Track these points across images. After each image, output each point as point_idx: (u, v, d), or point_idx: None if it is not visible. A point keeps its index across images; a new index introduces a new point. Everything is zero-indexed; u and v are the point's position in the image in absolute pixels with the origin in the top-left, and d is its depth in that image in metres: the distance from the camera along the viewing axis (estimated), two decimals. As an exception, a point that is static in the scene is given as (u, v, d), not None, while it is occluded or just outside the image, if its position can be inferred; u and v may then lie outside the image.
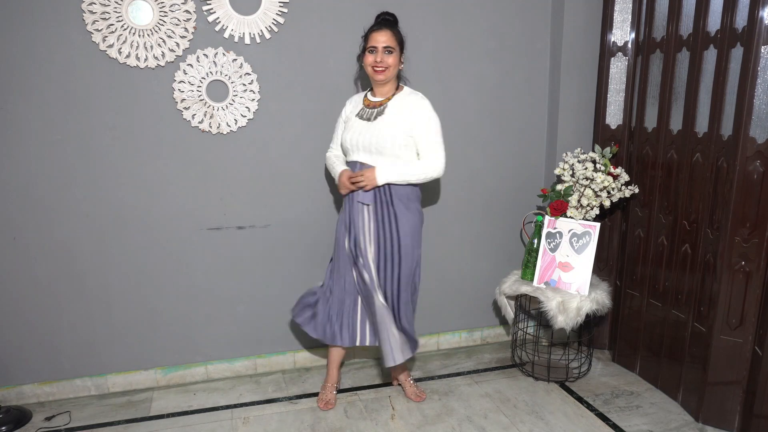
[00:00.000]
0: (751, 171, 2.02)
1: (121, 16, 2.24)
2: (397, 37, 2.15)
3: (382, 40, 2.11)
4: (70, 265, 2.40)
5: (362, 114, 2.19)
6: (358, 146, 2.16)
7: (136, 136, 2.37)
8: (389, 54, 2.12)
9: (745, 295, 2.11)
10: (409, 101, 2.18)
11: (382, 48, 2.10)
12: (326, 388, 2.46)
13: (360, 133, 2.16)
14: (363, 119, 2.18)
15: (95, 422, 2.34)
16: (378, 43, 2.11)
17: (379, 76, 2.13)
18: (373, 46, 2.11)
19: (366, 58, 2.14)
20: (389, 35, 2.12)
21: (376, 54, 2.11)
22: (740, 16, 2.02)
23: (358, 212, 2.21)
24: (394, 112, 2.16)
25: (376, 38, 2.11)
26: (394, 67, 2.15)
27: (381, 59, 2.10)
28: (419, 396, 2.47)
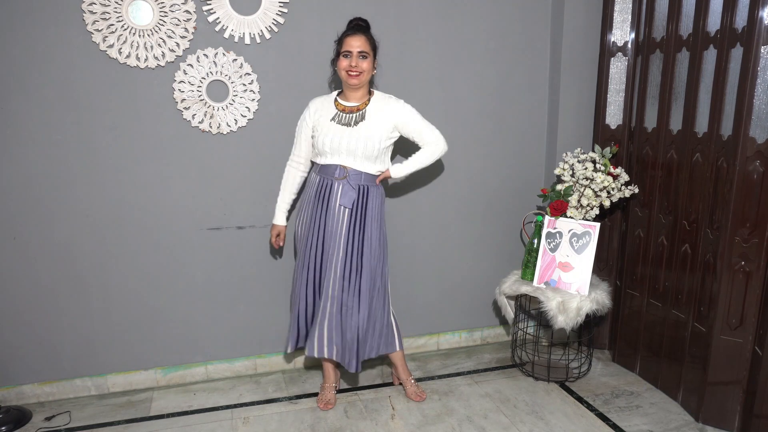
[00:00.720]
0: (751, 171, 2.02)
1: (121, 16, 2.24)
2: (370, 42, 2.15)
3: (356, 44, 2.11)
4: (70, 265, 2.40)
5: (340, 119, 2.19)
6: (340, 150, 2.18)
7: (136, 136, 2.37)
8: (364, 59, 2.12)
9: (745, 295, 2.11)
10: (383, 104, 2.23)
11: (357, 53, 2.11)
12: (325, 388, 2.46)
13: (341, 138, 2.17)
14: (342, 124, 2.18)
15: (95, 422, 2.34)
16: (352, 47, 2.11)
17: (353, 81, 2.14)
18: (347, 50, 2.12)
19: (340, 62, 2.14)
20: (363, 40, 2.12)
21: (350, 58, 2.12)
22: (740, 16, 2.02)
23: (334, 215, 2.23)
24: (374, 117, 2.20)
25: (350, 43, 2.12)
26: (368, 72, 2.16)
27: (356, 64, 2.11)
28: (419, 396, 2.47)
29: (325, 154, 2.21)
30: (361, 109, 2.20)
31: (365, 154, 2.19)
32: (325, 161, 2.23)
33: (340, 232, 2.22)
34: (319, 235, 2.25)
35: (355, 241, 2.23)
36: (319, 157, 2.25)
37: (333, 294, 2.24)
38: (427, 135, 2.26)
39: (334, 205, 2.22)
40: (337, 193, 2.21)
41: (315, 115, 2.24)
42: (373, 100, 2.24)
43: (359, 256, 2.24)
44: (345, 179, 2.21)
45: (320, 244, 2.25)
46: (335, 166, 2.21)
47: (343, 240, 2.22)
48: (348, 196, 2.19)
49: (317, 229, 2.25)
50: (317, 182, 2.25)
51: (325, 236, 2.24)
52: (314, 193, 2.25)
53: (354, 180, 2.21)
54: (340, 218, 2.22)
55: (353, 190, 2.21)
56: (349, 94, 2.21)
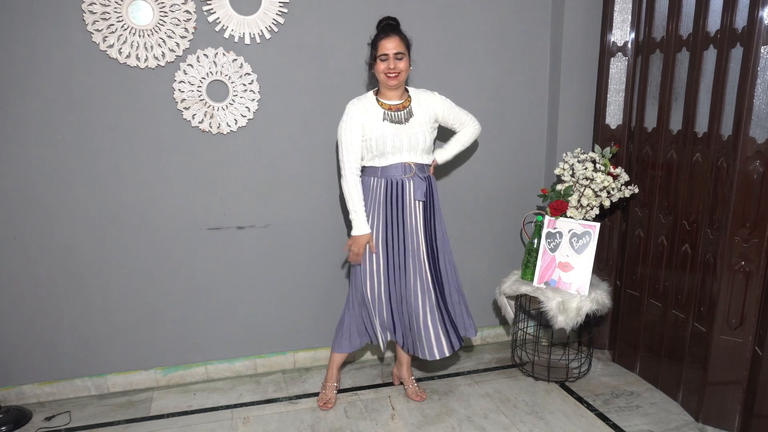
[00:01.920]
0: (751, 171, 2.02)
1: (121, 16, 2.24)
2: (404, 42, 2.17)
3: (391, 47, 2.12)
4: (70, 265, 2.40)
5: (392, 118, 2.20)
6: (402, 148, 2.20)
7: (136, 136, 2.37)
8: (400, 59, 2.14)
9: (745, 295, 2.11)
10: (421, 98, 2.28)
11: (393, 54, 2.13)
12: (326, 387, 2.46)
13: (400, 136, 2.19)
14: (395, 122, 2.20)
15: (95, 422, 2.34)
16: (388, 50, 2.12)
17: (392, 82, 2.16)
18: (384, 53, 2.13)
19: (378, 66, 2.15)
20: (398, 41, 2.14)
21: (388, 61, 2.13)
22: (740, 16, 2.02)
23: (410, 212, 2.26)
24: (419, 111, 2.25)
25: (385, 45, 2.13)
26: (406, 71, 2.19)
27: (394, 66, 2.13)
28: (420, 396, 2.47)
29: (386, 154, 2.20)
30: (406, 106, 2.24)
31: (424, 148, 2.24)
32: (386, 162, 2.21)
33: (419, 227, 2.27)
34: (399, 235, 2.26)
35: (431, 231, 2.30)
36: (378, 159, 2.22)
37: (426, 287, 2.27)
38: (465, 118, 2.38)
39: (409, 203, 2.24)
40: (409, 189, 2.23)
41: (362, 117, 2.19)
42: (413, 96, 2.27)
43: (436, 243, 2.32)
44: (414, 174, 2.23)
45: (401, 245, 2.27)
46: (400, 164, 2.22)
47: (422, 234, 2.27)
48: (421, 190, 2.24)
49: (396, 230, 2.26)
50: (384, 185, 2.22)
51: (405, 236, 2.26)
52: (384, 196, 2.23)
53: (421, 173, 2.26)
54: (416, 214, 2.26)
55: (424, 183, 2.25)
56: (389, 93, 2.22)
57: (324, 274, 2.71)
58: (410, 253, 2.27)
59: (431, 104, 2.28)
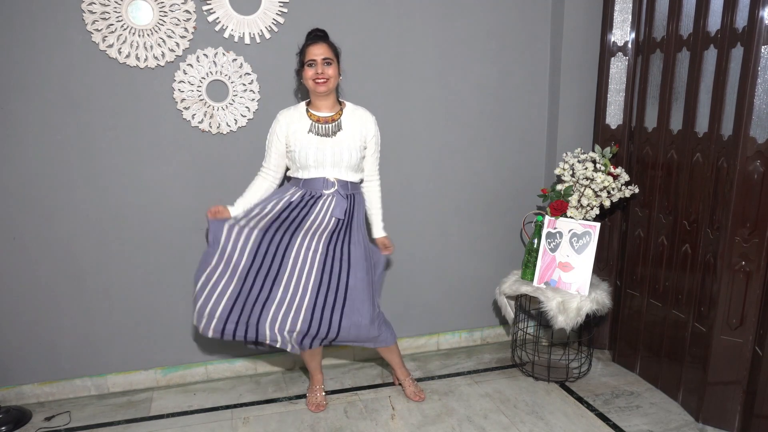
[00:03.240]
0: (751, 171, 2.02)
1: (120, 16, 2.24)
2: (333, 49, 2.14)
3: (319, 52, 2.09)
4: (70, 265, 2.40)
5: (318, 130, 2.15)
6: (325, 162, 2.14)
7: (136, 136, 2.37)
8: (329, 65, 2.11)
9: (745, 295, 2.11)
10: (358, 115, 2.22)
11: (321, 60, 2.09)
12: (314, 390, 2.45)
13: (323, 150, 2.14)
14: (320, 135, 2.15)
15: (95, 422, 2.34)
16: (316, 55, 2.09)
17: (321, 88, 2.11)
18: (311, 59, 2.09)
19: (306, 72, 2.11)
20: (325, 47, 2.11)
21: (315, 66, 2.10)
22: (740, 16, 2.02)
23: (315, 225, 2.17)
24: (350, 127, 2.19)
25: (313, 51, 2.09)
26: (335, 78, 2.14)
27: (322, 71, 2.09)
28: (418, 395, 2.47)
29: (309, 167, 2.15)
30: (336, 119, 2.18)
31: (349, 164, 2.17)
32: (309, 175, 2.17)
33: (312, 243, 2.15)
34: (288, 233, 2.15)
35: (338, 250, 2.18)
36: (301, 171, 2.18)
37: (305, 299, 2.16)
38: (375, 167, 2.31)
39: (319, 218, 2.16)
40: (325, 205, 2.16)
41: (287, 128, 2.17)
42: (347, 110, 2.22)
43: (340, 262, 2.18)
44: (335, 191, 2.17)
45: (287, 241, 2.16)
46: (321, 179, 2.16)
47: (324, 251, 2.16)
48: (340, 207, 2.16)
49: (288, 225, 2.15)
50: (300, 195, 2.17)
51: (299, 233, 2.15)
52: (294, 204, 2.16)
53: (343, 191, 2.18)
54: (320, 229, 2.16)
55: (344, 201, 2.18)
56: (319, 103, 2.17)
57: (324, 274, 2.71)
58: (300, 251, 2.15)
59: (366, 124, 2.22)
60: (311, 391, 2.46)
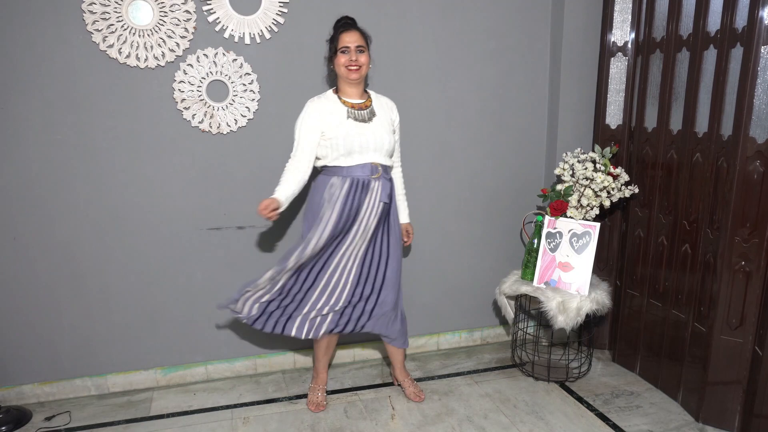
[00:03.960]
0: (751, 171, 2.02)
1: (121, 16, 2.24)
2: (365, 37, 2.16)
3: (352, 39, 2.11)
4: (70, 265, 2.40)
5: (356, 116, 2.16)
6: (368, 147, 2.14)
7: (136, 136, 2.37)
8: (361, 53, 2.13)
9: (745, 295, 2.11)
10: (383, 102, 2.28)
11: (354, 47, 2.11)
12: (317, 390, 2.45)
13: (365, 135, 2.14)
14: (358, 121, 2.16)
15: (95, 422, 2.34)
16: (349, 43, 2.11)
17: (354, 75, 2.12)
18: (344, 46, 2.11)
19: (338, 59, 2.13)
20: (358, 35, 2.13)
21: (349, 54, 2.11)
22: (740, 16, 2.02)
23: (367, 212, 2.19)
24: (381, 113, 2.23)
25: (345, 39, 2.11)
26: (366, 66, 2.16)
27: (355, 58, 2.11)
28: (419, 396, 2.47)
29: (353, 153, 2.14)
30: (368, 105, 2.21)
31: (389, 148, 2.20)
32: (353, 162, 2.14)
33: (370, 229, 2.20)
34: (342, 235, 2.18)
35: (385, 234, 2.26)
36: (344, 158, 2.14)
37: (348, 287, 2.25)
38: (398, 154, 2.37)
39: (369, 204, 2.17)
40: (375, 190, 2.17)
41: (320, 116, 2.13)
42: (374, 97, 2.27)
43: (388, 248, 2.27)
44: (380, 176, 2.18)
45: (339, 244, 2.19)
46: (368, 164, 2.16)
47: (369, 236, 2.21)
48: (386, 192, 2.19)
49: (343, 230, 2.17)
50: (348, 184, 2.14)
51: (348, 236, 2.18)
52: (345, 195, 2.13)
53: (386, 175, 2.22)
54: (372, 215, 2.18)
55: (389, 184, 2.21)
56: (350, 90, 2.18)
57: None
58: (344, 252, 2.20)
59: (392, 110, 2.29)
60: (313, 390, 2.46)
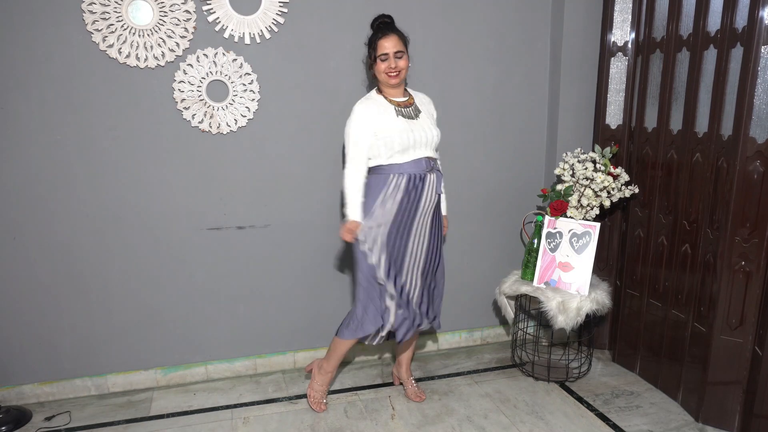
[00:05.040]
0: (751, 171, 2.02)
1: (121, 16, 2.24)
2: (403, 40, 2.15)
3: (390, 45, 2.11)
4: (70, 265, 2.40)
5: (404, 113, 2.19)
6: (420, 143, 2.17)
7: (136, 136, 2.37)
8: (400, 58, 2.13)
9: (745, 295, 2.11)
10: (422, 98, 2.32)
11: (393, 54, 2.11)
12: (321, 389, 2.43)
13: (414, 131, 2.17)
14: (406, 118, 2.19)
15: (95, 422, 2.34)
16: (388, 49, 2.11)
17: (394, 81, 2.15)
18: (384, 53, 2.11)
19: (378, 66, 2.13)
20: (396, 39, 2.12)
21: (388, 61, 2.12)
22: (740, 16, 2.02)
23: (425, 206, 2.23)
24: (424, 108, 2.27)
25: (384, 45, 2.11)
26: (406, 69, 2.18)
27: (395, 65, 2.12)
28: (419, 396, 2.47)
29: (408, 150, 2.16)
30: (412, 102, 2.24)
31: (436, 142, 2.25)
32: (409, 158, 2.16)
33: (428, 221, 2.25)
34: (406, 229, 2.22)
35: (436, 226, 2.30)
36: (399, 155, 2.16)
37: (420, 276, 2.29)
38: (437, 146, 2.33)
39: (426, 197, 2.21)
40: (431, 183, 2.22)
41: (370, 118, 2.14)
42: (414, 94, 2.30)
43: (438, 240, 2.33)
44: (433, 169, 2.24)
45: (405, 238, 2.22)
46: (423, 159, 2.19)
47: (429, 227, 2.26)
48: (440, 184, 2.26)
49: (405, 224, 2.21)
50: (405, 180, 2.16)
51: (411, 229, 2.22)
52: (404, 191, 2.17)
53: (437, 167, 2.28)
54: (429, 208, 2.24)
55: (441, 176, 2.28)
56: (393, 91, 2.20)
57: (324, 274, 2.71)
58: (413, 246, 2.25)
59: (431, 106, 2.33)
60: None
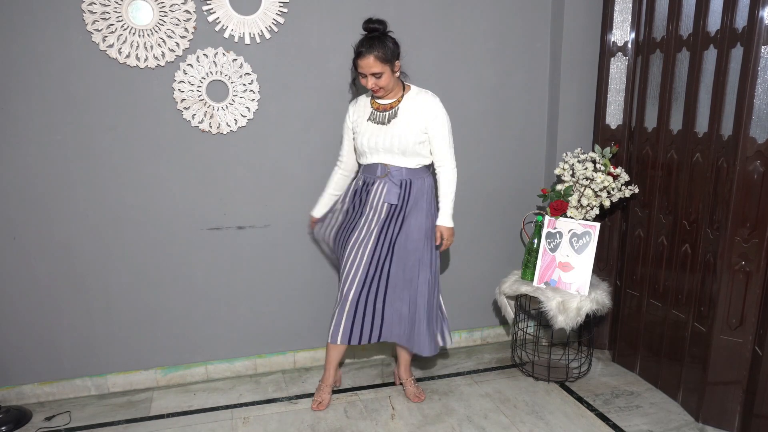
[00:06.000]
0: (751, 171, 2.02)
1: (121, 16, 2.24)
2: (381, 58, 2.08)
3: (367, 67, 2.10)
4: (70, 265, 2.40)
5: (374, 118, 2.24)
6: (377, 148, 2.24)
7: (136, 136, 2.37)
8: (378, 78, 2.12)
9: (745, 295, 2.11)
10: (419, 100, 2.23)
11: (370, 74, 2.12)
12: (322, 388, 2.44)
13: (377, 136, 2.22)
14: (376, 123, 2.24)
15: (95, 422, 2.34)
16: (364, 70, 2.11)
17: (378, 94, 2.20)
18: (361, 72, 2.14)
19: (361, 80, 2.17)
20: (372, 60, 2.08)
21: (367, 79, 2.14)
22: (740, 16, 2.02)
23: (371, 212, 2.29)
24: (407, 113, 2.22)
25: (361, 66, 2.11)
26: (388, 83, 2.16)
27: (374, 83, 2.14)
28: (419, 397, 2.47)
29: (365, 153, 2.28)
30: (394, 106, 2.24)
31: (401, 150, 2.22)
32: (366, 161, 2.30)
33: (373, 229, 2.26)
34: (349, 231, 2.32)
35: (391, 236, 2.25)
36: (361, 158, 2.32)
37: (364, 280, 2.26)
38: (445, 153, 2.27)
39: (373, 203, 2.27)
40: (378, 191, 2.26)
41: (354, 116, 2.30)
42: (407, 96, 2.24)
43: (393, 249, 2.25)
44: (386, 177, 2.25)
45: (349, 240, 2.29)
46: (376, 164, 2.28)
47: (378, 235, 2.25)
48: (392, 193, 2.24)
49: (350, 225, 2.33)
50: (361, 183, 2.33)
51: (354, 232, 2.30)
52: (353, 192, 2.34)
53: (396, 176, 2.25)
54: (376, 215, 2.27)
55: (396, 187, 2.25)
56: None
57: (324, 274, 2.71)
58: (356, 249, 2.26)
59: (426, 108, 2.21)
60: (320, 388, 2.44)
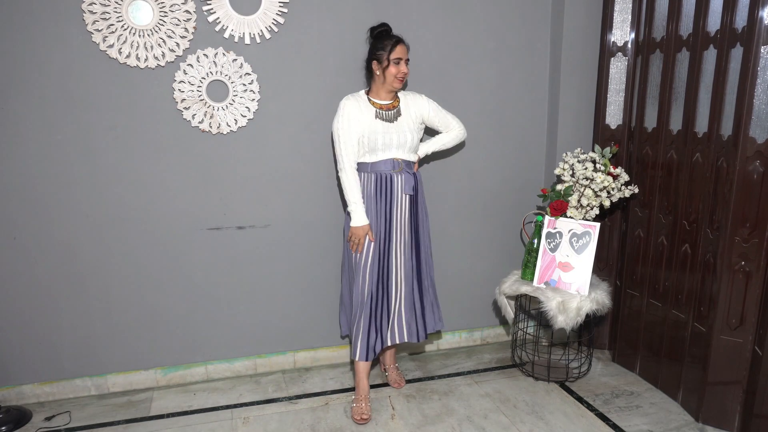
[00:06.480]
0: (751, 171, 2.02)
1: (121, 16, 2.24)
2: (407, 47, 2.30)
3: (403, 52, 2.25)
4: (70, 265, 2.40)
5: (383, 116, 2.30)
6: (392, 145, 2.30)
7: (136, 136, 2.37)
8: (407, 64, 2.28)
9: (745, 295, 2.11)
10: (409, 100, 2.37)
11: (405, 60, 2.25)
12: (360, 399, 2.37)
13: (390, 133, 2.29)
14: (385, 120, 2.29)
15: (95, 422, 2.34)
16: (403, 55, 2.24)
17: (399, 84, 2.27)
18: (399, 57, 2.23)
19: (391, 69, 2.23)
20: (406, 48, 2.27)
21: (400, 65, 2.23)
22: (740, 16, 2.02)
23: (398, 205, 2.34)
24: (407, 112, 2.35)
25: (401, 51, 2.23)
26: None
27: (405, 70, 2.25)
28: (399, 383, 2.56)
29: (377, 150, 2.29)
30: (395, 106, 2.33)
31: (411, 146, 2.34)
32: (376, 158, 2.30)
33: (405, 219, 2.36)
34: (386, 228, 2.33)
35: (415, 224, 2.40)
36: (369, 155, 2.30)
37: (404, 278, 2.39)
38: (451, 121, 2.47)
39: (397, 196, 2.32)
40: (398, 184, 2.32)
41: (356, 116, 2.26)
42: (401, 96, 2.36)
43: (419, 236, 2.42)
44: (402, 170, 2.32)
45: (388, 237, 2.34)
46: (389, 160, 2.31)
47: (407, 226, 2.37)
48: (409, 185, 2.33)
49: (384, 222, 2.33)
50: (374, 179, 2.31)
51: (391, 228, 2.34)
52: (374, 190, 2.31)
53: (408, 169, 2.35)
54: (403, 207, 2.35)
55: (412, 178, 2.34)
56: (384, 94, 2.30)
57: (324, 274, 2.71)
58: (395, 245, 2.35)
59: (418, 106, 2.37)
60: (356, 400, 2.38)
